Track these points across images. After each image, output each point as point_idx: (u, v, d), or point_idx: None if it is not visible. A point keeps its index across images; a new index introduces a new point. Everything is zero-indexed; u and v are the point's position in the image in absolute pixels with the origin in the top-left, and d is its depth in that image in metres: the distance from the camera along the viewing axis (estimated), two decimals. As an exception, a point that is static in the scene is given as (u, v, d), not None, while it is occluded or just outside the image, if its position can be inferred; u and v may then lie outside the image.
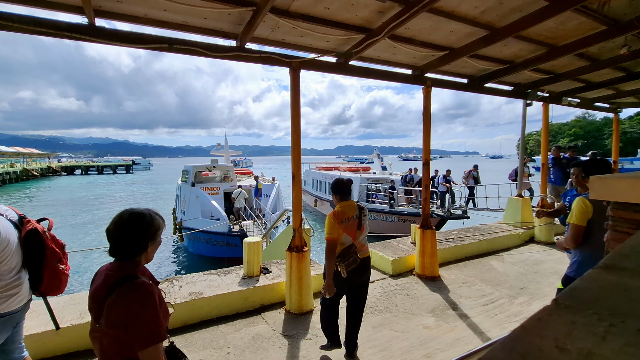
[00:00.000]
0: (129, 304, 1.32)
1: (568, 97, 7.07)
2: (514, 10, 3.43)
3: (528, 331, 0.47)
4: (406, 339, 3.45)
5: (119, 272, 1.43)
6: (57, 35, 3.00)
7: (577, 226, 2.53)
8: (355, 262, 2.86)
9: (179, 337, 3.48)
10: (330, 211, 2.95)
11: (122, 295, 1.33)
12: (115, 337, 1.33)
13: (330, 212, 2.95)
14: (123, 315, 1.31)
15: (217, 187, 14.09)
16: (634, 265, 0.70)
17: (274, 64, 3.95)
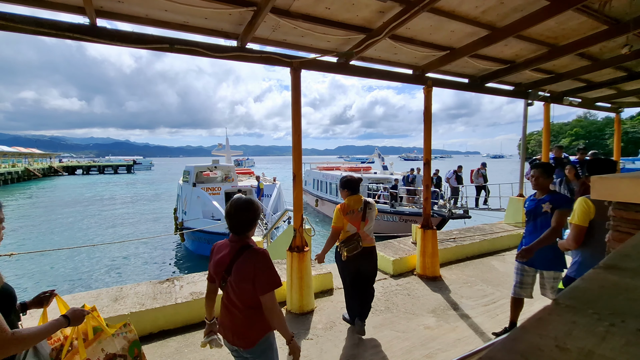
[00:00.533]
0: (255, 262, 1.81)
1: (569, 97, 7.06)
2: (514, 10, 3.43)
3: (528, 331, 0.47)
4: (407, 339, 3.45)
5: (239, 243, 1.91)
6: (58, 36, 3.00)
7: (578, 226, 2.50)
8: (356, 248, 3.27)
9: (180, 336, 3.49)
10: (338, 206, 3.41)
11: (248, 257, 1.82)
12: (243, 289, 1.81)
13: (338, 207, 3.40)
14: (251, 271, 1.79)
15: (218, 187, 14.11)
16: (634, 266, 0.70)
17: (275, 64, 3.96)
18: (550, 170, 3.11)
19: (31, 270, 11.97)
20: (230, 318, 1.91)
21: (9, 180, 45.73)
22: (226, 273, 1.87)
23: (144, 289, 4.02)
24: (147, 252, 14.02)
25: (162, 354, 3.20)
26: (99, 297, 3.77)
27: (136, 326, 3.42)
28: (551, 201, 3.03)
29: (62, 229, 18.71)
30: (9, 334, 1.31)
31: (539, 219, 3.09)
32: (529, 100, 6.57)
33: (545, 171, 3.10)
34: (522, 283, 3.28)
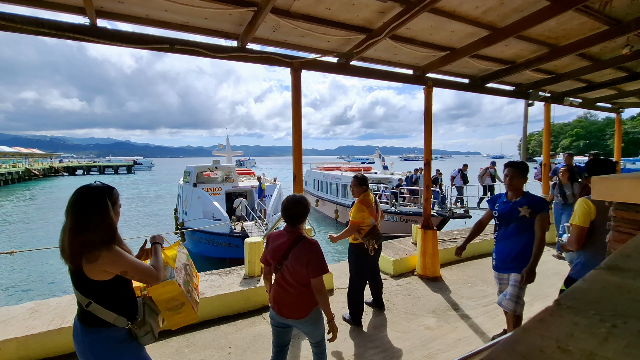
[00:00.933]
0: (309, 250, 2.20)
1: (570, 97, 7.06)
2: (515, 10, 3.43)
3: (530, 332, 0.47)
4: (407, 340, 3.44)
5: (294, 233, 2.28)
6: (59, 36, 3.01)
7: (580, 227, 2.48)
8: (380, 237, 3.78)
9: (180, 337, 3.49)
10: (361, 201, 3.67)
11: (304, 246, 2.21)
12: (298, 271, 2.19)
13: (360, 202, 3.66)
14: (306, 257, 2.19)
15: (219, 188, 14.10)
16: (636, 266, 0.69)
17: (275, 64, 3.96)
18: (525, 169, 2.94)
19: (32, 269, 11.97)
20: (285, 295, 2.27)
21: (10, 180, 45.77)
22: (283, 258, 2.25)
23: (144, 289, 4.01)
24: (147, 252, 14.02)
25: (162, 353, 3.20)
26: (100, 298, 3.76)
27: (136, 326, 3.43)
28: (529, 204, 2.85)
29: (62, 229, 18.72)
30: (154, 271, 1.76)
31: (514, 224, 2.92)
32: (530, 100, 6.57)
33: (519, 170, 2.93)
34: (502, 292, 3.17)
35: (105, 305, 1.65)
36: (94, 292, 1.64)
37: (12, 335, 2.99)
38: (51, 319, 3.28)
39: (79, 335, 1.72)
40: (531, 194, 2.94)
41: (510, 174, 2.95)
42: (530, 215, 2.83)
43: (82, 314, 1.69)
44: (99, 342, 1.67)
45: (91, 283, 1.61)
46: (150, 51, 3.37)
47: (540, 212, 2.83)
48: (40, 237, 17.05)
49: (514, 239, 2.93)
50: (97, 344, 1.67)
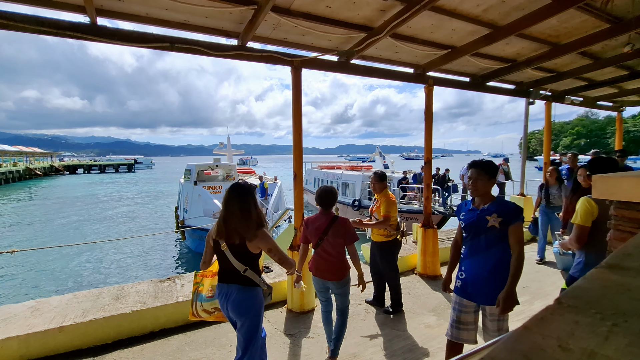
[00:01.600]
0: (344, 226, 2.89)
1: (571, 96, 7.04)
2: (516, 8, 3.42)
3: (530, 331, 0.47)
4: (407, 338, 3.45)
5: (330, 215, 2.95)
6: (59, 35, 3.00)
7: (581, 227, 2.47)
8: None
9: (181, 335, 3.50)
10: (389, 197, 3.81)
11: (340, 223, 2.89)
12: (338, 242, 2.87)
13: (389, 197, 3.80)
14: (343, 231, 2.87)
15: (219, 186, 14.11)
16: (637, 265, 0.69)
17: (276, 62, 3.95)
18: (492, 170, 2.43)
19: (32, 268, 11.99)
20: (326, 263, 2.90)
21: (11, 179, 45.82)
22: (323, 234, 2.87)
23: (145, 287, 4.03)
24: (148, 251, 14.04)
25: (163, 352, 3.21)
26: (101, 296, 3.77)
27: (137, 325, 3.44)
28: (499, 212, 2.31)
29: (63, 228, 18.75)
30: (293, 260, 2.48)
31: (482, 237, 2.38)
32: (531, 99, 6.56)
33: (486, 171, 2.40)
34: (461, 322, 2.51)
35: (255, 271, 2.30)
36: (250, 262, 2.28)
37: (14, 333, 3.00)
38: (52, 317, 3.29)
39: (233, 294, 2.28)
40: (503, 200, 2.42)
41: (474, 175, 2.42)
42: (500, 225, 2.29)
43: (239, 278, 2.28)
44: (251, 297, 2.29)
45: (249, 255, 2.26)
46: (151, 50, 3.37)
47: (513, 222, 2.29)
48: (41, 236, 17.08)
49: (482, 256, 2.38)
50: (251, 299, 2.29)
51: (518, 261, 2.28)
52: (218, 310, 2.60)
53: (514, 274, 2.27)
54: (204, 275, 2.66)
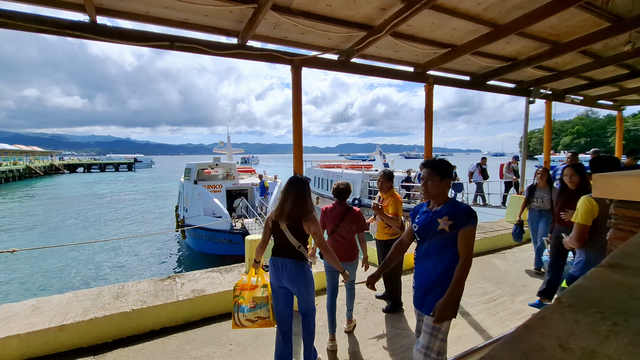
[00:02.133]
0: (358, 215, 3.35)
1: (571, 95, 7.04)
2: (516, 7, 3.41)
3: (531, 330, 0.47)
4: (407, 337, 3.45)
5: (344, 206, 3.39)
6: (59, 33, 3.00)
7: (582, 225, 2.47)
8: None
9: (182, 333, 3.50)
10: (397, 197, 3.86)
11: (354, 212, 3.35)
12: (352, 229, 3.34)
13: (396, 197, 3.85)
14: (357, 219, 3.34)
15: (219, 185, 14.12)
16: (637, 264, 0.69)
17: (276, 61, 3.95)
18: (444, 169, 2.24)
19: (33, 267, 12.01)
20: (341, 247, 3.30)
21: (11, 178, 45.83)
22: (340, 221, 3.32)
23: (145, 286, 4.03)
24: (148, 250, 14.06)
25: (163, 350, 3.21)
26: (101, 295, 3.78)
27: (137, 323, 3.45)
28: (450, 215, 2.15)
29: (63, 226, 18.77)
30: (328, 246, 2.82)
31: (433, 240, 2.24)
32: (531, 98, 6.55)
33: (437, 171, 2.22)
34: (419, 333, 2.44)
35: (305, 248, 2.72)
36: (303, 240, 2.69)
37: (14, 332, 3.00)
38: (53, 316, 3.30)
39: (288, 266, 2.66)
40: (456, 202, 2.25)
41: (425, 175, 2.26)
42: (450, 229, 2.15)
43: (294, 253, 2.67)
44: (304, 269, 2.71)
45: (303, 234, 2.68)
46: (152, 48, 3.37)
47: (463, 225, 2.12)
48: (41, 234, 17.10)
49: (432, 262, 2.26)
50: (304, 270, 2.71)
51: (463, 268, 2.12)
52: (261, 319, 2.87)
53: (456, 282, 2.11)
54: (243, 289, 2.89)
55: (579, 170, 3.63)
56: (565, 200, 3.73)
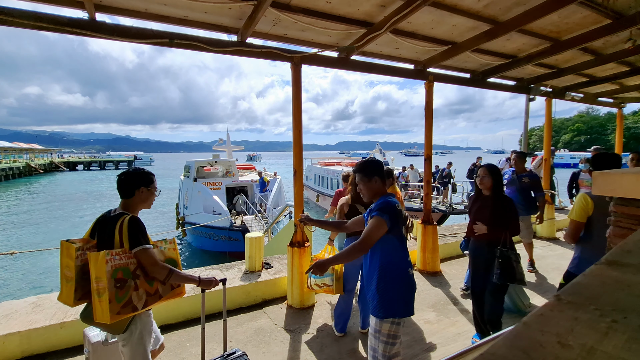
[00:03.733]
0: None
1: (571, 92, 7.02)
2: (517, 3, 3.39)
3: (530, 327, 0.47)
4: (407, 334, 3.46)
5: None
6: (57, 30, 2.98)
7: (575, 222, 2.51)
8: None
9: (182, 331, 3.51)
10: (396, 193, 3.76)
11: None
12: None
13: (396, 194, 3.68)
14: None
15: (219, 182, 14.12)
16: (636, 262, 0.69)
17: (275, 58, 3.93)
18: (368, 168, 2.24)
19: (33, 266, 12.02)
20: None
21: (11, 175, 45.80)
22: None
23: (145, 283, 4.04)
24: (148, 247, 14.08)
25: (164, 348, 3.22)
26: (101, 292, 3.78)
27: (138, 321, 3.45)
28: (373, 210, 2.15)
29: (64, 225, 18.77)
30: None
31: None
32: (531, 95, 6.53)
33: (363, 173, 2.23)
34: None
35: None
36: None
37: (15, 329, 3.02)
38: (53, 313, 3.31)
39: None
40: (384, 198, 2.19)
41: (356, 181, 2.30)
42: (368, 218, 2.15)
43: None
44: None
45: None
46: (152, 46, 3.35)
47: (371, 215, 2.10)
48: (42, 233, 17.11)
49: (367, 259, 2.24)
50: None
51: (353, 247, 2.05)
52: (326, 286, 3.32)
53: (340, 253, 2.15)
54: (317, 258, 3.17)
55: (492, 171, 3.06)
56: (478, 209, 3.14)
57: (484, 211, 3.07)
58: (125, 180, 2.04)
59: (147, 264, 1.95)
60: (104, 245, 1.97)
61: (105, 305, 1.80)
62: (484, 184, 3.08)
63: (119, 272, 1.87)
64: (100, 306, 1.82)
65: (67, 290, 2.01)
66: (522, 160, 5.09)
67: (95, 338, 2.34)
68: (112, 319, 1.80)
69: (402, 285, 2.11)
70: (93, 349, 2.33)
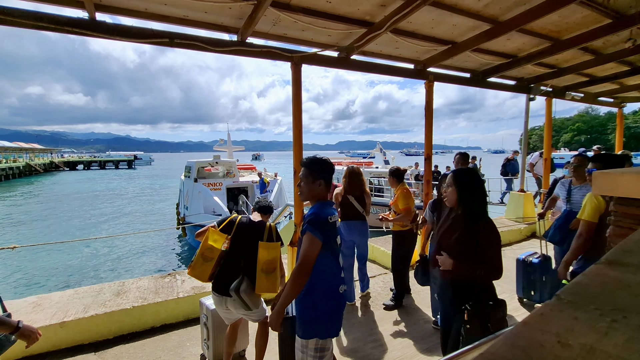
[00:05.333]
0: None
1: (572, 92, 7.01)
2: (517, 3, 3.39)
3: (530, 326, 0.47)
4: (407, 334, 3.47)
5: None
6: (57, 30, 2.98)
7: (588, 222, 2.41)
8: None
9: (182, 330, 3.51)
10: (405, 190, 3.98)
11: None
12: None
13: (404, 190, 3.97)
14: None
15: (219, 183, 14.11)
16: (636, 261, 0.69)
17: (276, 58, 3.93)
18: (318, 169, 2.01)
19: (33, 264, 12.03)
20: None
21: (11, 175, 45.80)
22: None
23: (145, 283, 4.04)
24: (149, 247, 14.08)
25: (164, 347, 3.22)
26: (101, 292, 3.79)
27: (138, 320, 3.46)
28: (304, 219, 1.97)
29: (64, 224, 18.78)
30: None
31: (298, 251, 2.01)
32: (531, 95, 6.53)
33: (310, 171, 2.01)
34: None
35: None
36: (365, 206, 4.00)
37: (15, 329, 3.01)
38: (54, 312, 3.31)
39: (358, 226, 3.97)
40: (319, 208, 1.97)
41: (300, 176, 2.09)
42: (301, 235, 1.94)
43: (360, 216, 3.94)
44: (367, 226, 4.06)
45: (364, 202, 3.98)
46: (153, 45, 3.35)
47: (303, 231, 1.90)
48: (42, 232, 17.12)
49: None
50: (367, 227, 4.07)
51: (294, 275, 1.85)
52: None
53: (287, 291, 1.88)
54: None
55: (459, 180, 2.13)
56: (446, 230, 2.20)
57: (451, 235, 2.14)
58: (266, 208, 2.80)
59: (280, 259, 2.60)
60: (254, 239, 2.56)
61: (276, 281, 2.49)
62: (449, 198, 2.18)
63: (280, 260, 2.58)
64: (268, 282, 2.46)
65: (204, 267, 2.46)
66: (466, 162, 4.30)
67: (211, 306, 2.88)
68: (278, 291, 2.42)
69: (330, 304, 1.95)
70: (210, 314, 2.89)
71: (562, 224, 3.43)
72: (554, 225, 3.59)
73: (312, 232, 1.87)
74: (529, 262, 4.08)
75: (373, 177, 16.69)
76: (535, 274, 3.99)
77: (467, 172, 2.20)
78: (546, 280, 3.95)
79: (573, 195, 3.43)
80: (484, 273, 2.06)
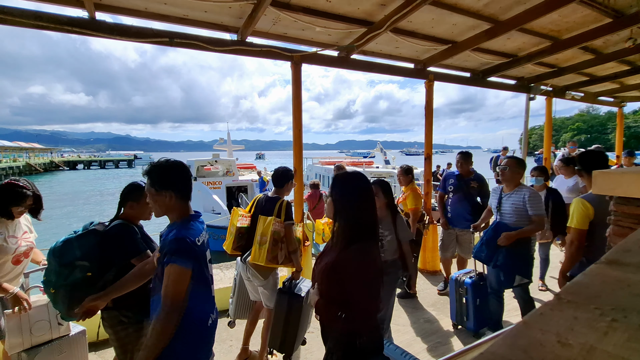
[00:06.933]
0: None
1: (572, 91, 7.01)
2: (517, 2, 3.39)
3: (530, 326, 0.47)
4: (407, 333, 3.47)
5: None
6: (57, 30, 2.98)
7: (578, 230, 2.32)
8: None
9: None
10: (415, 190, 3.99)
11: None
12: None
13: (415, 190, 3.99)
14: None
15: (219, 182, 14.11)
16: (636, 261, 0.69)
17: (276, 57, 3.93)
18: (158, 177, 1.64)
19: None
20: None
21: (11, 174, 45.81)
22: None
23: (145, 283, 4.04)
24: (148, 247, 14.08)
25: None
26: (101, 291, 3.78)
27: (138, 319, 3.45)
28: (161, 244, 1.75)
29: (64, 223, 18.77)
30: None
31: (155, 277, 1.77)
32: (531, 94, 6.52)
33: (152, 181, 1.64)
34: None
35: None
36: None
37: (16, 328, 3.01)
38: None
39: None
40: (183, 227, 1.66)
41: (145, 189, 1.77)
42: (158, 264, 1.65)
43: None
44: None
45: None
46: (154, 45, 3.35)
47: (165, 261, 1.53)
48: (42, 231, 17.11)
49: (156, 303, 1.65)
50: None
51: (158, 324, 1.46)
52: None
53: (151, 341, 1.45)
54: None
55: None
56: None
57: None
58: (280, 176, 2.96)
59: (288, 235, 2.77)
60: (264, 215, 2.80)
61: (264, 253, 2.67)
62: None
63: (275, 234, 2.72)
64: (259, 253, 2.69)
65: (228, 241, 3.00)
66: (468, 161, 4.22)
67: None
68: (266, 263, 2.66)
69: (193, 341, 1.59)
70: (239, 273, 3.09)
71: (490, 238, 3.02)
72: (481, 239, 3.17)
73: (181, 264, 1.48)
74: (461, 281, 3.46)
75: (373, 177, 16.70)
76: (468, 296, 3.37)
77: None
78: (480, 304, 3.34)
79: (503, 204, 3.06)
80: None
